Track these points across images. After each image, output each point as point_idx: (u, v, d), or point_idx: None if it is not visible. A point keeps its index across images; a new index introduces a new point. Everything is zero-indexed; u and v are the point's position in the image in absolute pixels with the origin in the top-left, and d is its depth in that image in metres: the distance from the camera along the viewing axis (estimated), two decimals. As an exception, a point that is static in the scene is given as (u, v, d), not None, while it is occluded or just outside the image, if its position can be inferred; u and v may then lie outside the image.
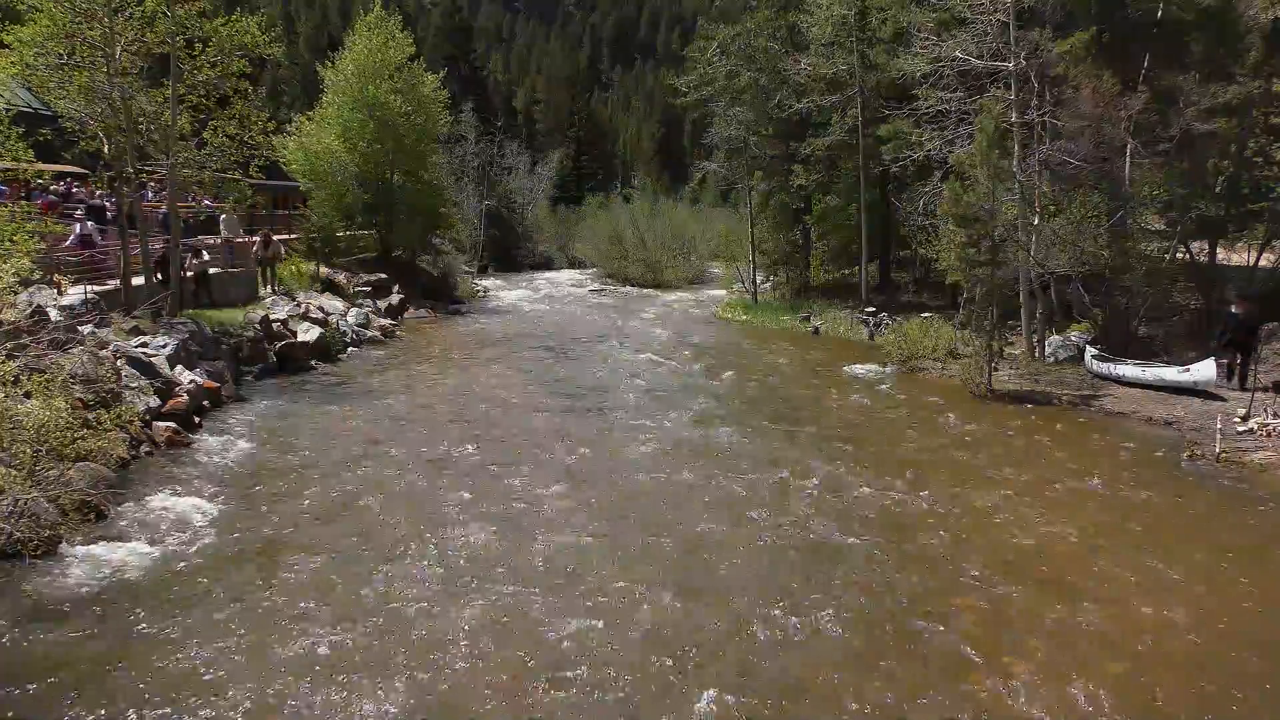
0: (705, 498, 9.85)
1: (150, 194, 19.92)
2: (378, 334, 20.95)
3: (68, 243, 15.65)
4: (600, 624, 6.83)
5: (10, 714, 5.50)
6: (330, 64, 28.18)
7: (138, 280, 15.34)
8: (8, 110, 11.62)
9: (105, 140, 14.37)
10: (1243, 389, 13.70)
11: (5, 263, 8.89)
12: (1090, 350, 16.22)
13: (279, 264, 21.64)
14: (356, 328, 20.30)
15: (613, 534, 8.72)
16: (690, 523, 9.07)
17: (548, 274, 44.11)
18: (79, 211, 17.59)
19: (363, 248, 28.38)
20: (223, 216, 20.86)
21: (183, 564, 7.69)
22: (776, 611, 7.10)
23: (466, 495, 9.70)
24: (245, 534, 8.41)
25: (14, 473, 7.34)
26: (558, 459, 11.26)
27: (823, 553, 8.37)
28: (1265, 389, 13.36)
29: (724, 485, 10.33)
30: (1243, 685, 6.13)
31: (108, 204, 17.99)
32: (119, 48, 14.11)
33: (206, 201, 21.97)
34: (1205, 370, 13.92)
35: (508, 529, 8.73)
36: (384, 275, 26.69)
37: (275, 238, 21.85)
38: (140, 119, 14.68)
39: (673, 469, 10.93)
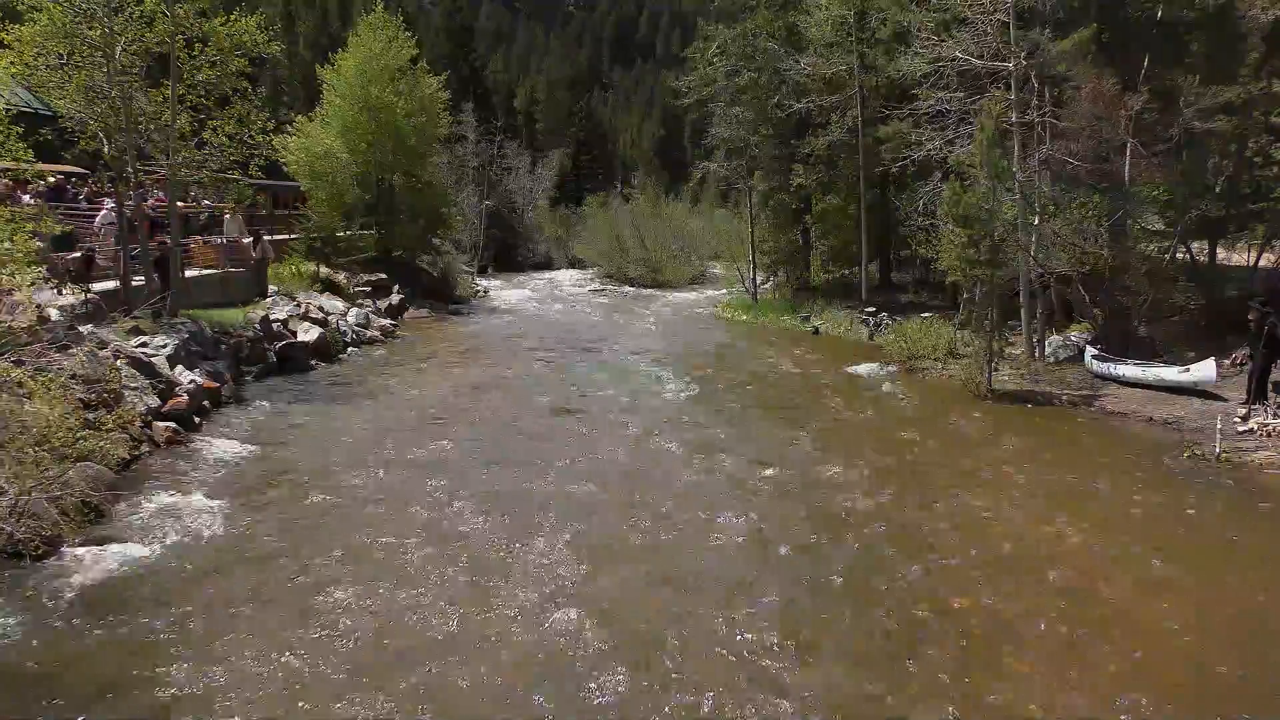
0: (704, 498, 9.85)
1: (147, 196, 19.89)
2: (378, 334, 20.94)
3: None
4: (599, 623, 6.83)
5: (11, 714, 5.50)
6: (330, 64, 28.19)
7: (137, 280, 15.33)
8: (8, 110, 11.60)
9: (105, 140, 14.37)
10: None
11: (19, 271, 8.92)
12: (1090, 350, 16.21)
13: (268, 264, 21.39)
14: (356, 328, 20.29)
15: (612, 533, 8.72)
16: (689, 522, 9.07)
17: (548, 274, 44.09)
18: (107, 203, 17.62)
19: (363, 248, 28.38)
20: (226, 217, 20.83)
21: (182, 564, 7.69)
22: (776, 611, 7.10)
23: (466, 495, 9.70)
24: (245, 534, 8.41)
25: (18, 473, 7.33)
26: (557, 459, 11.25)
27: (821, 552, 8.37)
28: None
29: (724, 485, 10.33)
30: (1243, 684, 6.13)
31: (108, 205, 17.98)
32: (119, 48, 14.10)
33: (205, 202, 21.94)
34: (1205, 370, 13.90)
35: (507, 529, 8.73)
36: (384, 275, 26.68)
37: (266, 238, 21.65)
38: (140, 119, 14.68)
39: (671, 469, 10.93)
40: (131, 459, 9.94)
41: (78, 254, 14.81)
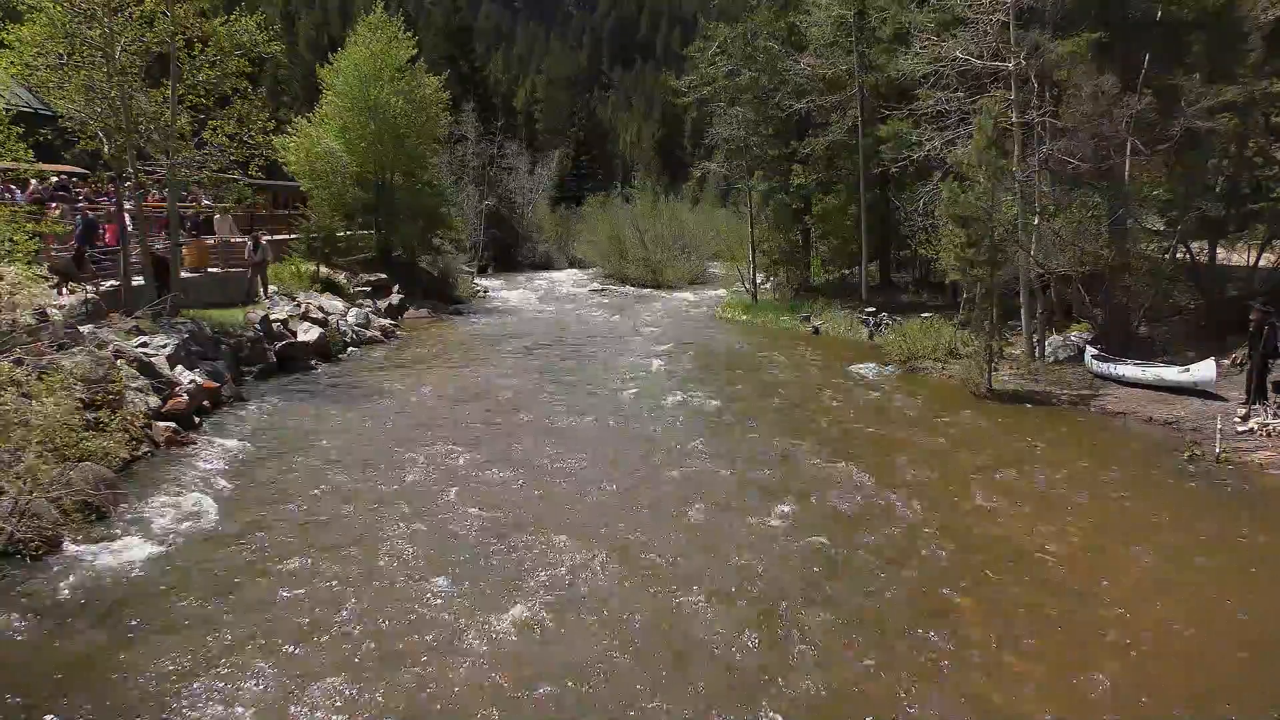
0: (704, 498, 9.84)
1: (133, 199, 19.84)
2: (377, 334, 20.95)
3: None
4: (598, 623, 6.84)
5: (11, 714, 5.50)
6: (330, 64, 28.19)
7: (138, 280, 15.35)
8: (8, 110, 11.61)
9: (105, 140, 14.38)
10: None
11: (17, 266, 8.95)
12: (1090, 350, 16.21)
13: (268, 265, 21.16)
14: (356, 328, 20.30)
15: (611, 534, 8.72)
16: (689, 522, 9.07)
17: (548, 274, 44.09)
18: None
19: (363, 248, 28.39)
20: (216, 217, 20.77)
21: (182, 564, 7.69)
22: (775, 612, 7.10)
23: (466, 496, 9.70)
24: (244, 534, 8.41)
25: (20, 474, 7.34)
26: (556, 459, 11.26)
27: (821, 552, 8.36)
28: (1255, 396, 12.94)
29: (723, 486, 10.34)
30: (1242, 684, 6.14)
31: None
32: (119, 48, 14.11)
33: (205, 201, 21.94)
34: (1205, 370, 13.90)
35: (507, 529, 8.73)
36: (384, 275, 26.71)
37: (265, 239, 21.43)
38: (140, 119, 14.69)
39: (671, 469, 10.93)
40: (131, 459, 9.94)
41: (69, 253, 14.79)
